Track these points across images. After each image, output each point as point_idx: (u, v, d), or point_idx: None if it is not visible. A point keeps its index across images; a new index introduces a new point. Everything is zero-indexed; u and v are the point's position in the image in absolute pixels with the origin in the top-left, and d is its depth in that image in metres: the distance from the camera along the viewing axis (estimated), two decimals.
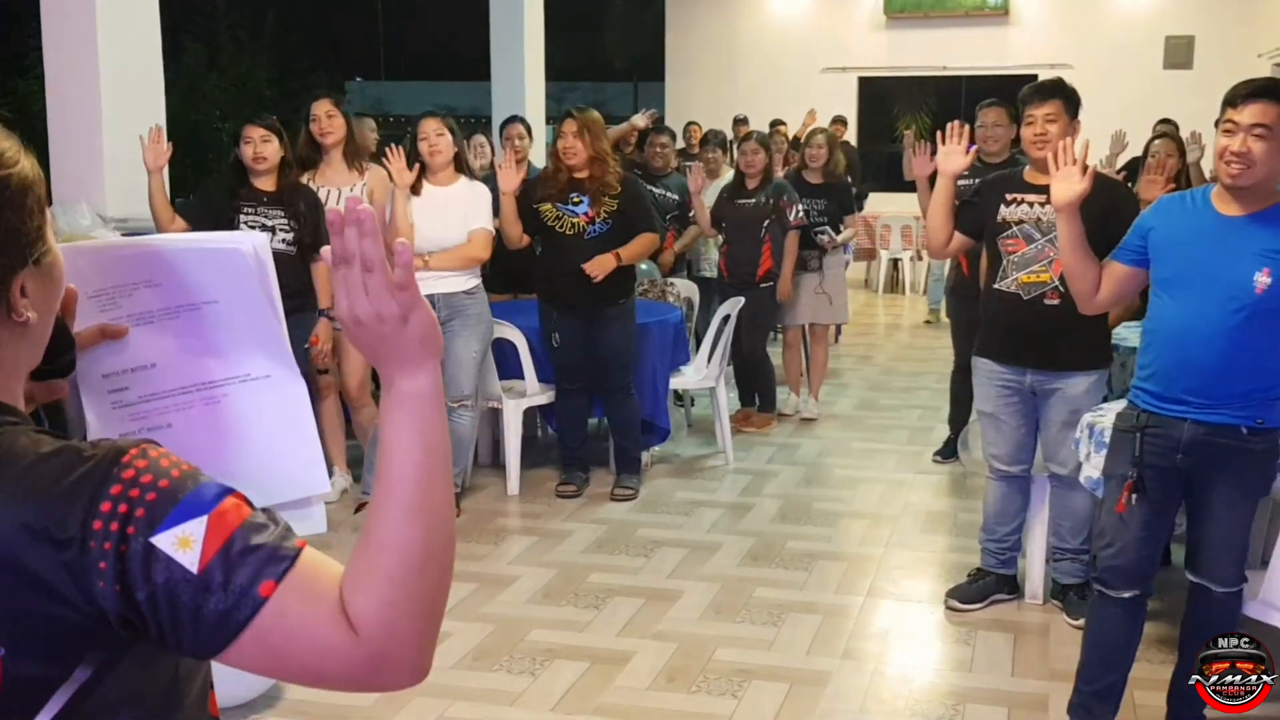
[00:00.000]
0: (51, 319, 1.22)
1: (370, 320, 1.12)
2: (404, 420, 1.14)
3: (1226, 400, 3.20)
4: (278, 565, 1.08)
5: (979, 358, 4.50)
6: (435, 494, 1.14)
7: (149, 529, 1.05)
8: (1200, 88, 13.40)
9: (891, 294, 13.93)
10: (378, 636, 1.09)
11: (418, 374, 1.15)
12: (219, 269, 1.40)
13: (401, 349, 1.14)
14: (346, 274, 1.12)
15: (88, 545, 1.04)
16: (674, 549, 5.17)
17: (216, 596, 1.05)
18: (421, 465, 1.13)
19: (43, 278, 1.17)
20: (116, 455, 1.08)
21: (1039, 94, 4.29)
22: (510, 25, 10.49)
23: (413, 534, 1.12)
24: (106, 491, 1.05)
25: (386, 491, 1.13)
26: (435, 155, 5.44)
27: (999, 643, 4.25)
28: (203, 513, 1.06)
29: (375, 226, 1.11)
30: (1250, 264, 3.13)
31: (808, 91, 14.16)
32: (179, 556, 1.05)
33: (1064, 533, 4.46)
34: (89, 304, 1.42)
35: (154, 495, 1.06)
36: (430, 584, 1.13)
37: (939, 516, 5.69)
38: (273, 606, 1.06)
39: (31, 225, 1.15)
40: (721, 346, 6.56)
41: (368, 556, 1.11)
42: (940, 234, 4.49)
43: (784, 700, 3.79)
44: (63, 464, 1.07)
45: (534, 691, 3.84)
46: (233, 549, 1.06)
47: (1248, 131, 3.11)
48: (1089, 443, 3.94)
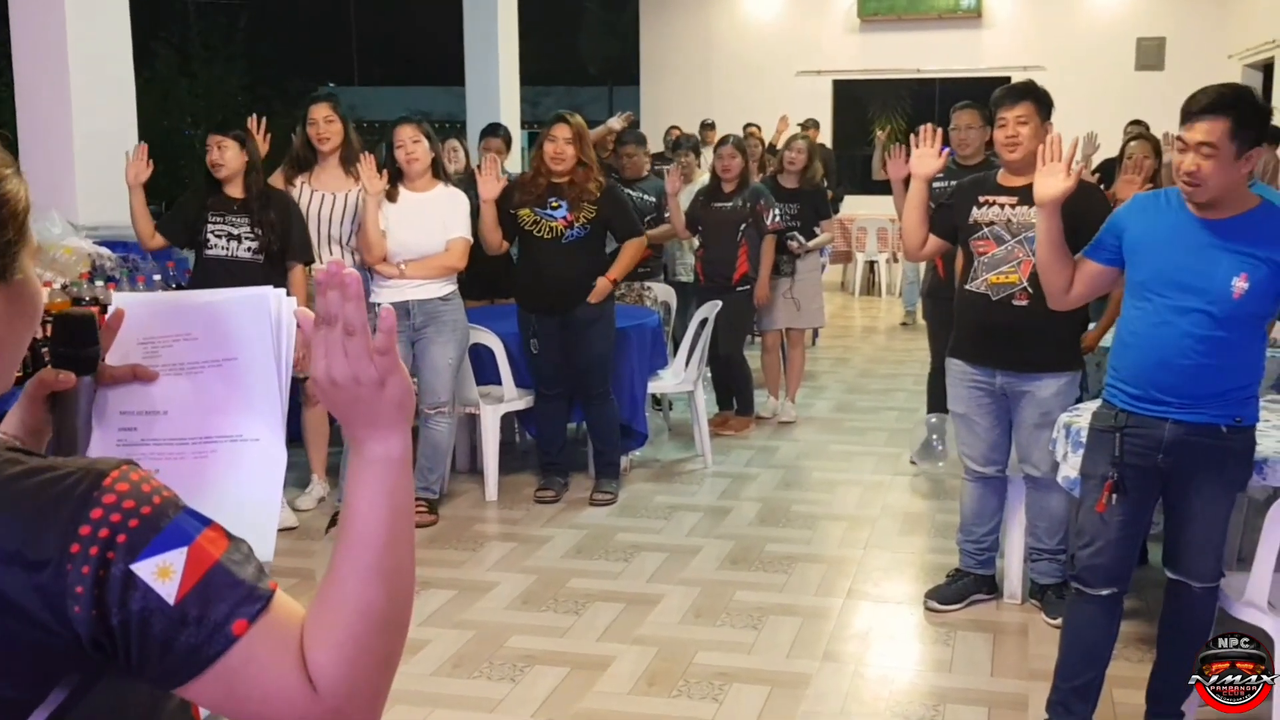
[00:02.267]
0: (19, 348, 1.19)
1: (347, 383, 1.12)
2: (372, 482, 1.14)
3: (1205, 400, 3.21)
4: (252, 605, 1.07)
5: (951, 358, 4.52)
6: (399, 555, 1.14)
7: (130, 556, 1.03)
8: (1172, 89, 13.44)
9: (868, 296, 13.97)
10: (338, 694, 1.09)
11: (389, 438, 1.14)
12: (246, 318, 1.43)
13: (375, 413, 1.13)
14: (327, 334, 1.11)
15: (64, 568, 1.02)
16: (653, 553, 5.17)
17: (190, 630, 1.04)
18: (387, 527, 1.13)
19: (7, 297, 1.15)
20: (97, 478, 1.06)
21: (1010, 96, 4.31)
22: (484, 30, 10.48)
23: (375, 594, 1.12)
24: (87, 515, 1.03)
25: (350, 551, 1.13)
26: (412, 163, 5.43)
27: (978, 643, 4.26)
28: (184, 543, 1.05)
29: (360, 291, 1.10)
30: (1228, 269, 3.14)
31: (782, 94, 14.21)
32: (157, 586, 1.03)
33: (1040, 533, 4.47)
34: (136, 349, 1.47)
35: (136, 522, 1.04)
36: (389, 643, 1.14)
37: (917, 518, 5.70)
38: (242, 647, 1.05)
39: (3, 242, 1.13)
40: (699, 350, 6.57)
41: (329, 613, 1.11)
42: (915, 237, 4.50)
43: (765, 703, 3.79)
44: (38, 484, 1.05)
45: (514, 698, 3.83)
46: (211, 582, 1.05)
47: (1196, 150, 3.10)
48: (1066, 443, 3.95)
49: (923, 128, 4.57)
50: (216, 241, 5.20)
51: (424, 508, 5.55)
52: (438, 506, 5.64)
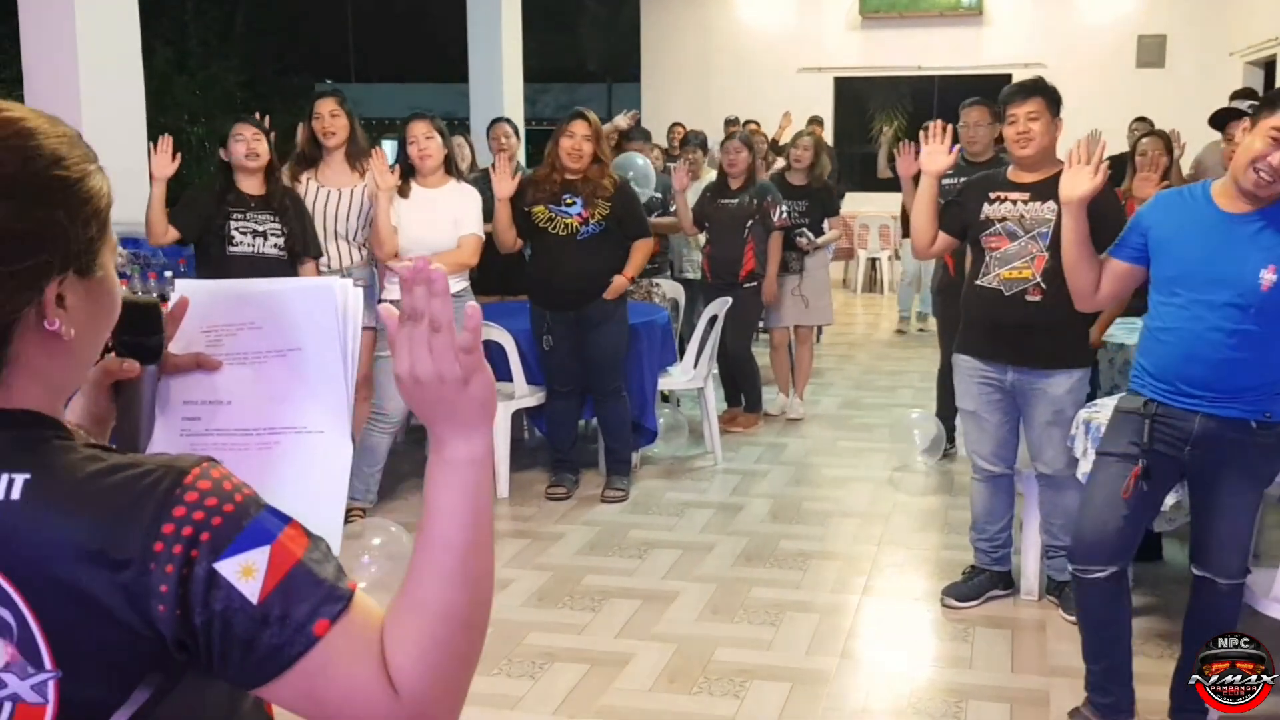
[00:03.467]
0: (98, 344, 1.18)
1: (431, 380, 1.10)
2: (454, 483, 1.12)
3: (1236, 395, 3.21)
4: (334, 605, 1.06)
5: (960, 354, 4.51)
6: (480, 557, 1.13)
7: (213, 554, 1.02)
8: (1173, 86, 13.54)
9: (870, 293, 13.98)
10: (419, 697, 1.08)
11: (473, 437, 1.13)
12: (311, 309, 1.42)
13: (459, 411, 1.12)
14: (412, 331, 1.10)
15: (148, 567, 1.01)
16: (667, 550, 5.16)
17: (272, 629, 1.03)
18: (469, 529, 1.12)
19: (88, 293, 1.13)
20: (179, 475, 1.05)
21: (1021, 93, 4.31)
22: (488, 26, 10.47)
23: (456, 597, 1.11)
24: (169, 513, 1.03)
25: (431, 553, 1.11)
26: (425, 159, 5.41)
27: (997, 639, 4.26)
28: (266, 542, 1.05)
29: (446, 287, 1.09)
30: (1256, 261, 3.14)
31: (784, 92, 14.19)
32: (241, 585, 1.03)
33: (1056, 530, 4.46)
34: (200, 337, 1.46)
35: (219, 520, 1.04)
36: (470, 645, 1.13)
37: (930, 514, 5.70)
38: (324, 647, 1.05)
39: (83, 235, 1.11)
40: (709, 347, 6.56)
41: (410, 615, 1.10)
42: (925, 234, 4.50)
43: (786, 700, 3.79)
44: (120, 482, 1.04)
45: (535, 694, 3.83)
46: (293, 582, 1.05)
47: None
48: (1085, 439, 3.95)
49: (933, 124, 4.56)
50: (242, 239, 5.10)
51: None
52: None
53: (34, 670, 1.03)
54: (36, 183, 1.07)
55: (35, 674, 1.03)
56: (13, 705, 1.04)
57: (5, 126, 1.08)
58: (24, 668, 1.03)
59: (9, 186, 1.06)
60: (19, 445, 1.06)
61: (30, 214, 1.06)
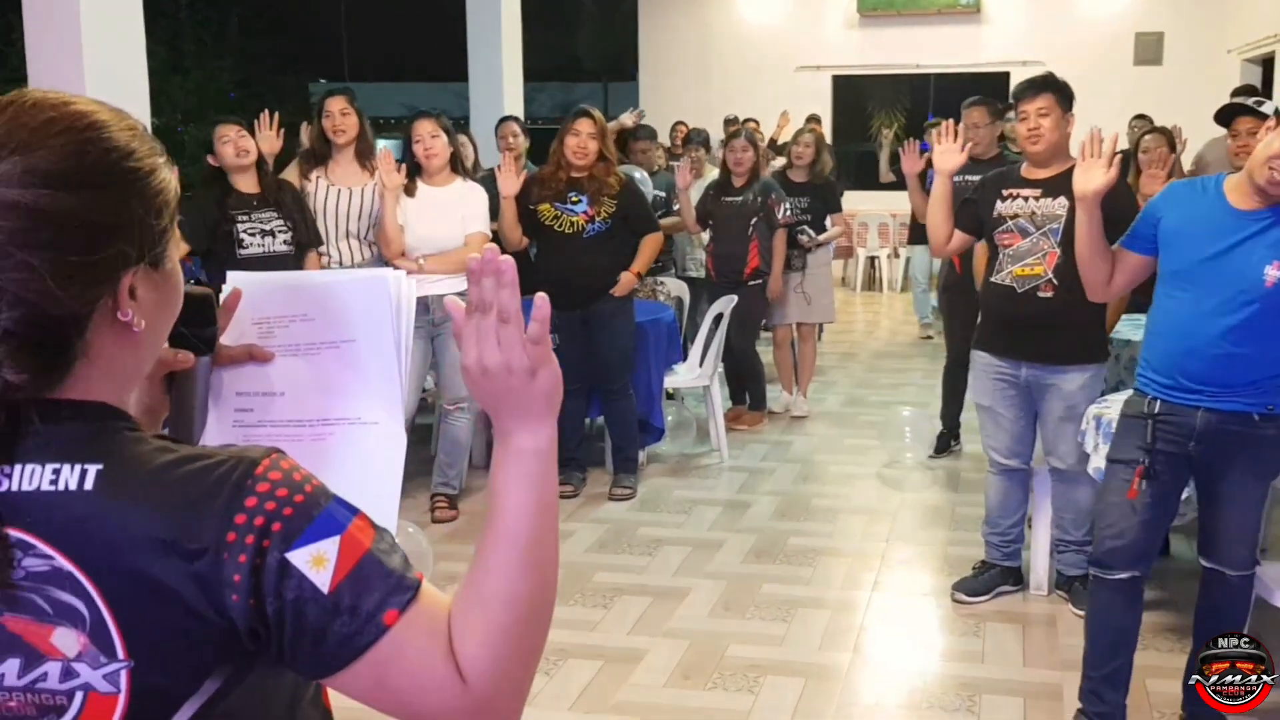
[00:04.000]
0: (164, 336, 1.20)
1: (499, 371, 1.11)
2: (520, 474, 1.13)
3: (1237, 389, 3.23)
4: (403, 595, 1.07)
5: (977, 351, 4.54)
6: (546, 548, 1.14)
7: (285, 544, 1.04)
8: (1170, 83, 13.57)
9: (869, 291, 13.99)
10: (486, 686, 1.09)
11: (539, 429, 1.13)
12: (365, 300, 1.42)
13: (525, 403, 1.12)
14: (480, 322, 1.10)
15: (221, 556, 1.02)
16: (677, 547, 5.18)
17: (343, 619, 1.04)
18: (535, 520, 1.13)
19: (157, 284, 1.15)
20: (250, 466, 1.06)
21: (1031, 88, 4.33)
22: (488, 25, 10.45)
23: (523, 587, 1.11)
24: (241, 503, 1.04)
25: (498, 543, 1.12)
26: (431, 158, 5.43)
27: (1008, 634, 4.28)
28: (336, 532, 1.05)
29: (515, 278, 1.09)
30: (1262, 257, 3.16)
31: (782, 90, 14.20)
32: (312, 575, 1.04)
33: (1067, 525, 4.49)
34: (251, 329, 1.46)
35: (290, 510, 1.05)
36: (536, 635, 1.14)
37: (937, 510, 5.72)
38: (393, 636, 1.06)
39: (156, 225, 1.13)
40: (715, 345, 6.57)
41: (477, 605, 1.11)
42: (941, 232, 4.52)
43: (801, 695, 3.81)
44: (191, 473, 1.06)
45: (550, 691, 3.84)
46: (362, 572, 1.06)
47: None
48: (1096, 434, 3.98)
49: (944, 124, 4.58)
50: (251, 240, 5.10)
51: (444, 503, 5.56)
52: (458, 502, 5.64)
53: (106, 660, 1.04)
54: (112, 175, 1.09)
55: (108, 663, 1.04)
56: (84, 694, 1.05)
57: (78, 119, 1.09)
58: (96, 657, 1.04)
59: (88, 177, 1.07)
60: (91, 437, 1.07)
61: (108, 205, 1.08)
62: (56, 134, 1.07)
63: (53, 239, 1.04)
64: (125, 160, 1.10)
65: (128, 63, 6.12)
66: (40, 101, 1.09)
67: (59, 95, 1.11)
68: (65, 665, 1.04)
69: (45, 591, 1.03)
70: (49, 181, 1.05)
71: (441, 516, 5.49)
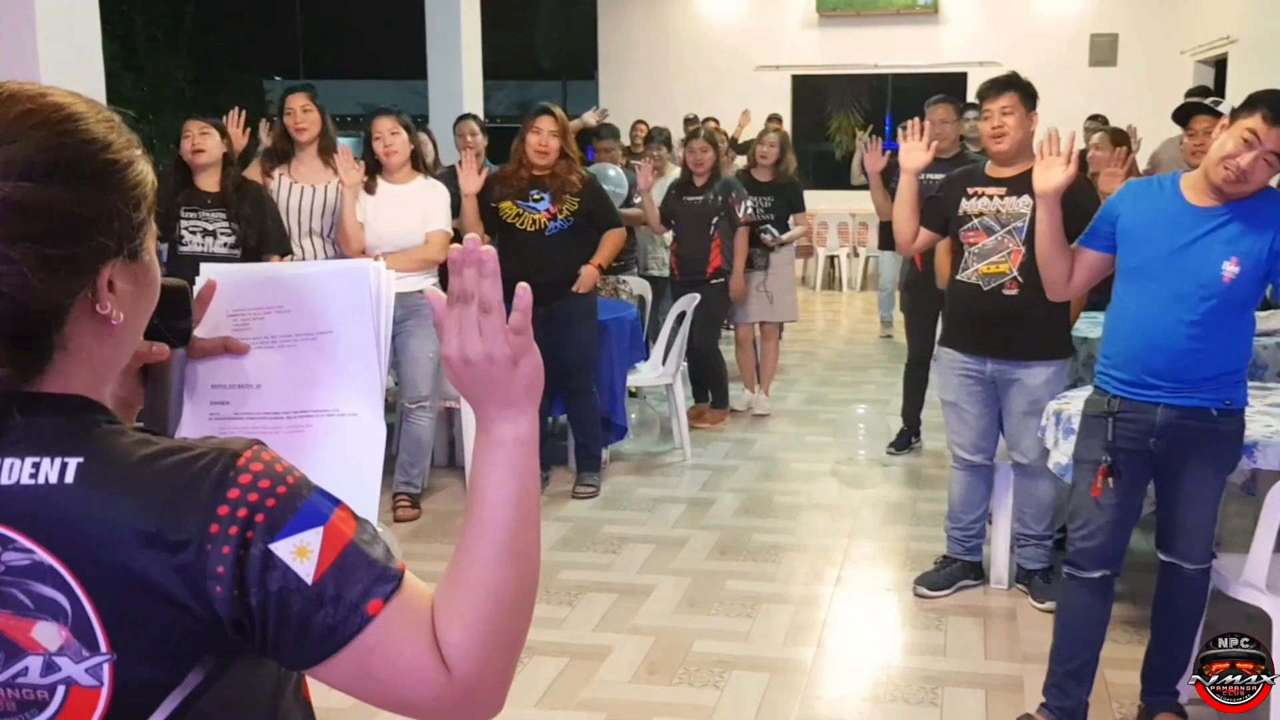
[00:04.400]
0: (139, 330, 1.19)
1: (480, 361, 1.11)
2: (502, 463, 1.14)
3: (1196, 384, 3.27)
4: (386, 585, 1.07)
5: (943, 347, 4.59)
6: (528, 537, 1.14)
7: (268, 535, 1.04)
8: (1125, 84, 13.74)
9: (829, 290, 14.07)
10: (471, 674, 1.09)
11: (520, 419, 1.14)
12: (344, 292, 1.41)
13: (507, 392, 1.13)
14: (463, 313, 1.11)
15: (205, 548, 1.02)
16: (641, 544, 5.20)
17: (326, 610, 1.05)
18: (517, 509, 1.13)
19: (135, 276, 1.14)
20: (232, 457, 1.06)
21: (994, 88, 4.37)
22: (447, 23, 10.42)
23: (506, 575, 1.12)
24: (224, 495, 1.04)
25: (480, 533, 1.13)
26: (391, 155, 5.41)
27: (969, 627, 4.33)
28: (319, 523, 1.06)
29: (496, 268, 1.10)
30: (1219, 254, 3.21)
31: (742, 90, 14.26)
32: (296, 566, 1.04)
33: (1028, 519, 4.54)
34: (226, 321, 1.44)
35: (273, 501, 1.05)
36: (519, 624, 1.14)
37: (898, 507, 5.77)
38: (377, 626, 1.06)
39: (135, 218, 1.13)
40: (678, 344, 6.59)
41: (461, 594, 1.11)
42: (907, 230, 4.56)
43: (765, 689, 3.83)
44: (173, 465, 1.05)
45: (516, 689, 3.81)
46: (346, 562, 1.06)
47: (1264, 153, 3.13)
48: (1056, 430, 4.02)
49: (910, 122, 4.62)
50: (191, 237, 5.06)
51: (406, 502, 5.55)
52: (420, 501, 5.63)
53: (89, 653, 1.03)
54: (90, 167, 1.08)
55: (90, 657, 1.04)
56: (66, 689, 1.04)
57: (55, 111, 1.08)
58: (78, 651, 1.03)
59: (66, 169, 1.06)
60: (70, 430, 1.07)
61: (87, 197, 1.08)
62: (33, 126, 1.06)
63: (31, 231, 1.04)
64: (103, 152, 1.10)
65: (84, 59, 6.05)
66: (16, 93, 1.08)
67: (35, 86, 1.10)
68: (47, 659, 1.04)
69: (25, 586, 1.03)
70: (27, 173, 1.04)
71: (404, 515, 5.48)
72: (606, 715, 3.67)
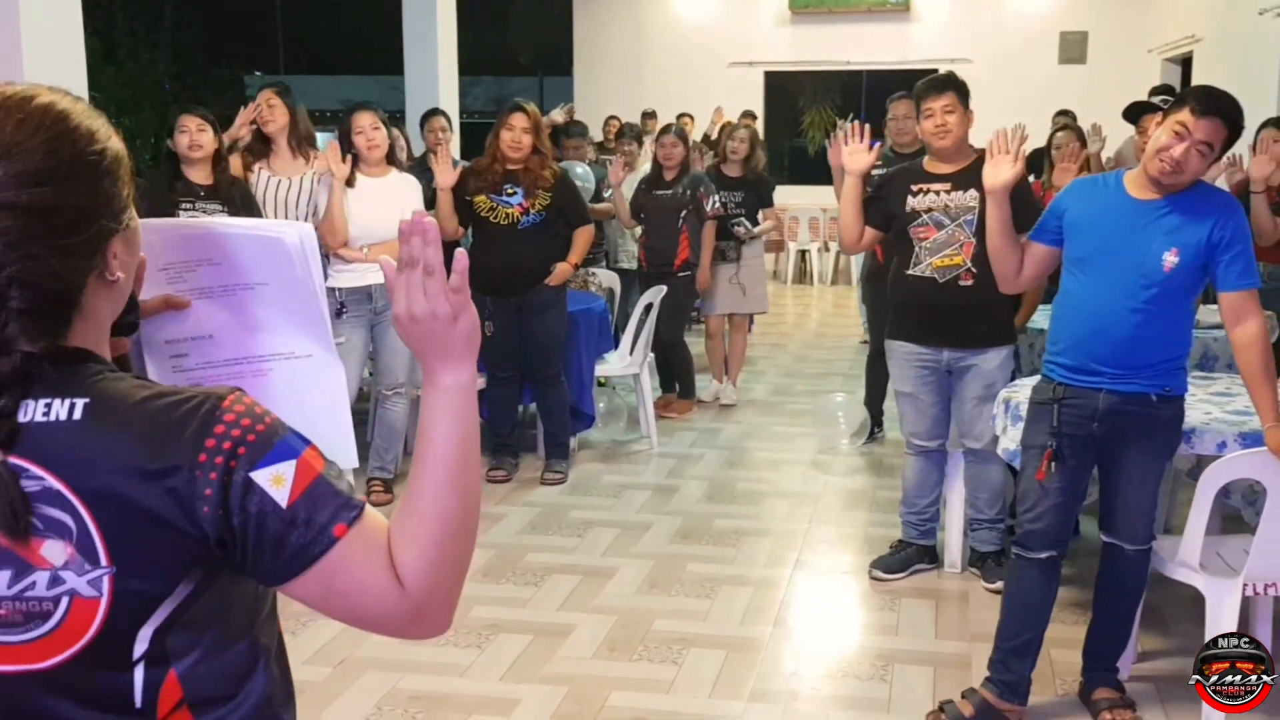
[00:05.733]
0: (131, 280, 1.35)
1: (425, 318, 1.26)
2: (446, 408, 1.29)
3: (1137, 370, 3.42)
4: (350, 512, 1.23)
5: (894, 340, 4.71)
6: (470, 471, 1.30)
7: (249, 465, 1.20)
8: (1094, 81, 13.91)
9: (800, 284, 14.22)
10: (422, 590, 1.25)
11: (460, 368, 1.29)
12: (266, 255, 1.52)
13: (449, 345, 1.28)
14: (409, 276, 1.26)
15: (194, 474, 1.18)
16: (606, 529, 5.32)
17: (299, 531, 1.21)
18: (460, 446, 1.28)
19: (129, 242, 1.32)
20: (217, 400, 1.22)
21: (935, 88, 4.52)
22: (423, 19, 10.51)
23: (452, 504, 1.27)
24: (211, 430, 1.20)
25: (428, 467, 1.28)
26: (373, 149, 5.53)
27: (921, 608, 4.47)
28: (292, 456, 1.22)
29: (438, 236, 1.25)
30: (1160, 245, 3.36)
31: (715, 85, 14.41)
32: (272, 492, 1.20)
33: (980, 504, 4.69)
34: (158, 275, 1.56)
35: (253, 437, 1.21)
36: (464, 546, 1.30)
37: (858, 494, 5.91)
38: (342, 548, 1.22)
39: (124, 194, 1.30)
40: (645, 334, 6.72)
41: (412, 521, 1.27)
42: (852, 231, 4.70)
43: (722, 666, 3.97)
44: (166, 405, 1.21)
45: (482, 663, 3.97)
46: (316, 491, 1.22)
47: (1194, 145, 3.27)
48: (1005, 417, 4.17)
49: (850, 125, 4.74)
50: None
51: (380, 486, 5.66)
52: (393, 485, 5.74)
53: (91, 567, 1.19)
54: (85, 163, 1.25)
55: (92, 570, 1.19)
56: (70, 599, 1.20)
57: (46, 115, 1.25)
58: (81, 565, 1.19)
59: (67, 170, 1.23)
60: (78, 376, 1.23)
61: (87, 190, 1.25)
62: (31, 134, 1.22)
63: (49, 229, 1.21)
64: (91, 146, 1.26)
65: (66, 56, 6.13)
66: (4, 103, 1.24)
67: (17, 91, 1.25)
68: (53, 574, 1.19)
69: (36, 509, 1.18)
70: (37, 180, 1.21)
71: (377, 500, 5.59)
72: (569, 689, 3.80)
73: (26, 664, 1.22)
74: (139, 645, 1.22)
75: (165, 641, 1.23)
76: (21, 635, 1.21)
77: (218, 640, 1.28)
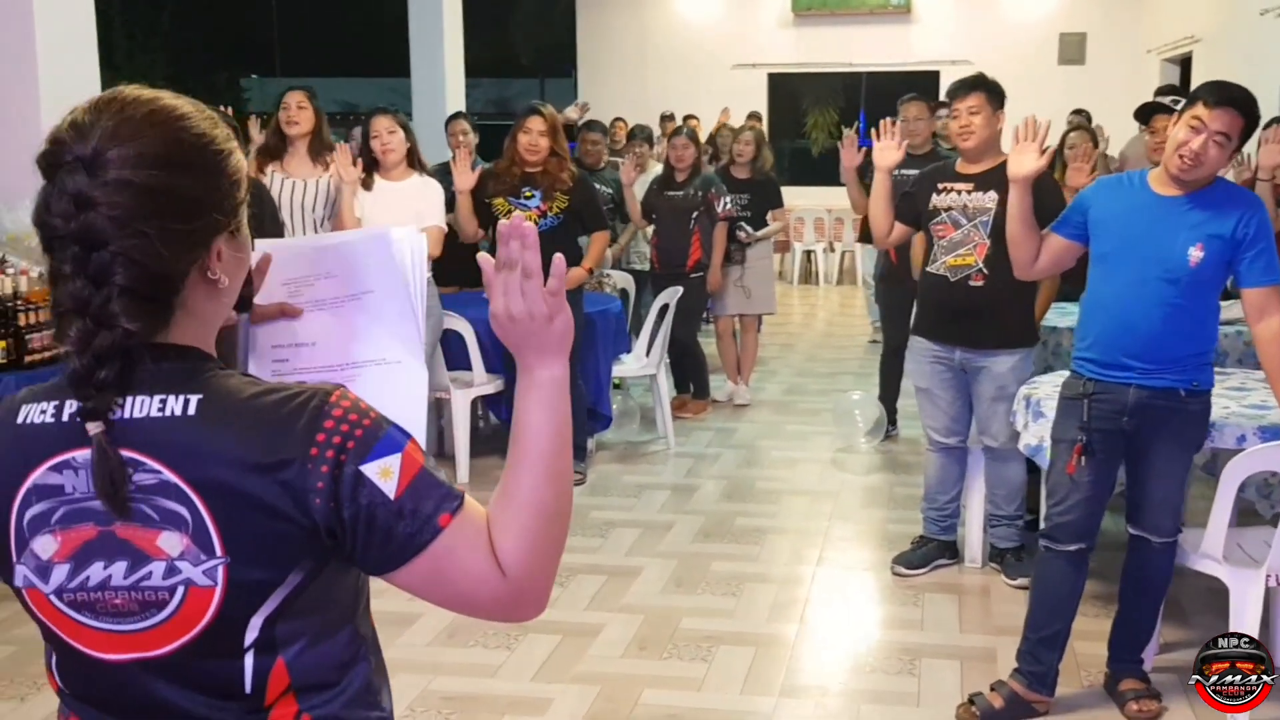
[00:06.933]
0: (237, 290, 1.40)
1: (523, 318, 1.31)
2: (541, 401, 1.34)
3: (1165, 365, 3.47)
4: (452, 501, 1.28)
5: (915, 336, 4.77)
6: (564, 459, 1.35)
7: (359, 458, 1.25)
8: (1092, 82, 13.98)
9: (806, 285, 14.27)
10: (522, 575, 1.30)
11: (554, 364, 1.34)
12: (377, 256, 1.59)
13: (544, 343, 1.33)
14: (507, 277, 1.31)
15: (306, 467, 1.23)
16: (628, 529, 5.37)
17: (406, 521, 1.26)
18: (554, 437, 1.34)
19: (236, 248, 1.37)
20: (325, 395, 1.28)
21: (962, 88, 4.58)
22: (430, 21, 10.56)
23: (547, 491, 1.33)
24: (321, 424, 1.25)
25: (525, 458, 1.33)
26: (388, 153, 5.58)
27: (945, 603, 4.52)
28: (397, 450, 1.27)
29: (537, 240, 1.30)
30: (1185, 239, 3.42)
31: (718, 87, 14.48)
32: (381, 484, 1.25)
33: (999, 500, 4.74)
34: (280, 289, 1.65)
35: (360, 431, 1.26)
36: (559, 531, 1.35)
37: (875, 491, 5.96)
38: (447, 536, 1.27)
39: (237, 200, 1.36)
40: (661, 335, 6.77)
41: (510, 510, 1.32)
42: (881, 225, 4.76)
43: (752, 662, 4.02)
44: (277, 400, 1.27)
45: (512, 664, 4.01)
46: (420, 482, 1.27)
47: (1211, 136, 3.34)
48: (1026, 413, 4.22)
49: (882, 122, 4.81)
50: None
51: None
52: None
53: (206, 557, 1.24)
54: (202, 156, 1.32)
55: (207, 560, 1.24)
56: (185, 589, 1.25)
57: (169, 112, 1.32)
58: (197, 555, 1.24)
59: (185, 159, 1.29)
60: (190, 373, 1.29)
61: (201, 182, 1.31)
62: (156, 124, 1.29)
63: (160, 211, 1.26)
64: (210, 144, 1.33)
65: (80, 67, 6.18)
66: (137, 98, 1.31)
67: (149, 91, 1.33)
68: (169, 564, 1.25)
69: (153, 501, 1.24)
70: (156, 164, 1.26)
71: None
72: (600, 687, 3.85)
73: (140, 652, 1.28)
74: (250, 633, 1.28)
75: (274, 629, 1.28)
76: (137, 624, 1.27)
77: (323, 629, 1.33)
